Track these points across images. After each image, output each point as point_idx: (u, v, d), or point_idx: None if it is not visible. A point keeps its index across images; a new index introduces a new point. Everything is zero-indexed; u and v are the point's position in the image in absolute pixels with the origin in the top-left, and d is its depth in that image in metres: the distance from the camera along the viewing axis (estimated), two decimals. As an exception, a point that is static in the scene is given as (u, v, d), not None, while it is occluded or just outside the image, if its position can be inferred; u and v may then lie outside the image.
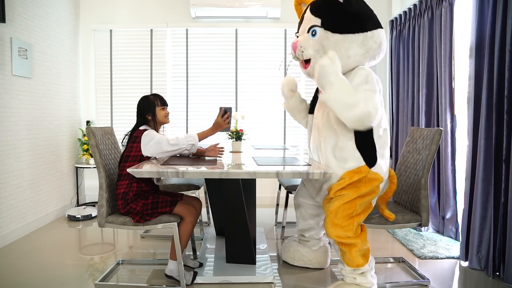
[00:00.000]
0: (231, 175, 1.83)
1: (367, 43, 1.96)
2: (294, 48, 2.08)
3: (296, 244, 2.46)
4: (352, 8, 1.95)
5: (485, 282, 2.26)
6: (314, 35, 2.01)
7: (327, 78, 1.78)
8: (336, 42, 1.95)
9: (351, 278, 1.94)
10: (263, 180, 4.18)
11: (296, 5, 2.32)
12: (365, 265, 1.92)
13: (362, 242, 1.91)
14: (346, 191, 1.92)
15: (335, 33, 1.95)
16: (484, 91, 2.34)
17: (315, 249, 2.41)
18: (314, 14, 2.03)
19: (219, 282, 2.20)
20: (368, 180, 1.92)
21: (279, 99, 4.28)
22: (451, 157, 2.96)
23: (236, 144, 2.70)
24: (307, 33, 2.05)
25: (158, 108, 2.22)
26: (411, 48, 3.51)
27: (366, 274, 1.94)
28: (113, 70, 4.25)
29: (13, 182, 2.98)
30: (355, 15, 1.95)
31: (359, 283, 1.93)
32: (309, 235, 2.41)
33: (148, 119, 2.21)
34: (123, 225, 2.06)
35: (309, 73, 2.12)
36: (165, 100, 2.29)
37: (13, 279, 2.25)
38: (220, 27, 4.22)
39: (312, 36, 2.02)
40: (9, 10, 2.91)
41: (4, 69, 2.88)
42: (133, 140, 2.12)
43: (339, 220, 1.90)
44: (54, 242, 2.94)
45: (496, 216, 2.29)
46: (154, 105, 2.21)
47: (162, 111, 2.23)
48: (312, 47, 2.02)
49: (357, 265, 1.91)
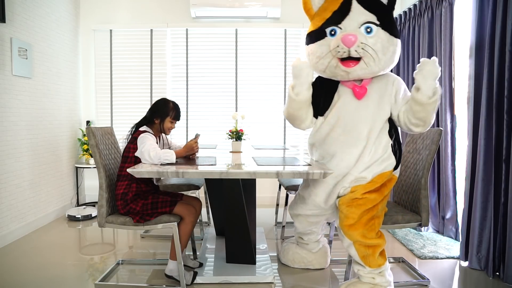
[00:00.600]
0: (231, 175, 1.83)
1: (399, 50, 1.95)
2: (350, 43, 1.78)
3: (295, 247, 2.44)
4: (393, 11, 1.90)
5: (485, 282, 2.26)
6: (370, 33, 1.81)
7: (435, 77, 1.76)
8: (395, 45, 1.87)
9: (370, 278, 1.91)
10: (263, 180, 4.18)
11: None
12: (385, 263, 1.92)
13: (383, 241, 1.90)
14: (372, 195, 1.89)
15: (392, 35, 1.86)
16: (484, 91, 2.34)
17: (315, 251, 2.40)
18: (367, 8, 1.82)
19: (219, 282, 2.20)
20: (389, 182, 1.94)
21: (279, 99, 4.28)
22: (451, 157, 2.96)
23: (236, 144, 2.70)
24: (358, 28, 1.82)
25: (168, 118, 2.21)
26: (411, 48, 3.51)
27: (384, 273, 1.93)
28: (113, 70, 4.25)
29: (13, 182, 2.98)
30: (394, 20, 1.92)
31: (377, 282, 1.90)
32: (308, 239, 2.37)
33: (155, 122, 2.21)
34: (123, 225, 2.06)
35: (351, 72, 1.87)
36: (180, 116, 2.29)
37: (13, 279, 2.25)
38: (220, 27, 4.22)
39: (366, 33, 1.82)
40: (9, 10, 2.91)
41: (4, 69, 2.88)
42: (131, 140, 2.13)
43: (362, 223, 1.87)
44: (54, 242, 2.94)
45: (496, 216, 2.29)
46: (167, 114, 2.21)
47: (170, 124, 2.23)
48: (372, 46, 1.81)
49: (379, 265, 1.89)
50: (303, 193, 2.23)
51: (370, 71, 1.88)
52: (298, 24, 4.12)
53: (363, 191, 1.90)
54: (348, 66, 1.86)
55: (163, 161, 1.97)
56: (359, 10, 1.83)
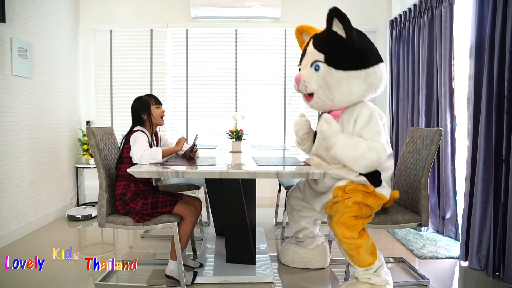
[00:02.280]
0: (231, 175, 1.83)
1: (370, 78, 2.00)
2: (297, 81, 2.09)
3: (294, 247, 2.46)
4: (354, 45, 1.98)
5: (485, 282, 2.26)
6: (318, 70, 2.03)
7: (329, 141, 1.94)
8: (339, 79, 1.98)
9: (366, 278, 1.94)
10: (263, 180, 4.17)
11: (297, 34, 2.35)
12: (375, 262, 1.93)
13: (366, 241, 1.93)
14: (357, 193, 1.98)
15: (338, 69, 1.98)
16: (484, 91, 2.34)
17: (312, 247, 2.42)
18: (317, 49, 2.04)
19: (219, 282, 2.20)
20: (374, 195, 2.01)
21: (278, 99, 4.28)
22: (451, 157, 2.95)
23: (236, 144, 2.70)
24: (310, 67, 2.06)
25: (153, 107, 2.21)
26: (411, 48, 3.51)
27: (379, 271, 1.94)
28: (113, 70, 4.25)
29: (13, 182, 2.98)
30: (358, 52, 1.99)
31: (374, 282, 1.93)
32: (303, 235, 2.42)
33: (143, 119, 2.20)
34: (123, 225, 2.06)
35: (312, 106, 2.14)
36: (159, 99, 2.29)
37: (13, 279, 2.25)
38: (220, 27, 4.22)
39: (315, 70, 2.04)
40: (9, 10, 2.91)
41: (4, 69, 2.88)
42: (127, 141, 2.13)
43: (346, 219, 1.93)
44: (54, 242, 2.94)
45: (496, 216, 2.29)
46: (148, 104, 2.21)
47: (157, 110, 2.23)
48: (316, 82, 2.03)
49: (368, 264, 1.91)
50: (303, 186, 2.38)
51: (325, 104, 2.07)
52: (298, 24, 4.10)
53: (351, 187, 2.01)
54: (308, 100, 2.14)
55: (150, 161, 1.98)
56: (311, 51, 2.08)
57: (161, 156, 2.01)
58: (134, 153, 1.98)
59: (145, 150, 1.98)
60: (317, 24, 2.32)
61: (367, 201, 1.98)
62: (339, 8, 1.95)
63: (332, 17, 1.99)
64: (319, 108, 2.14)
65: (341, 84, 1.98)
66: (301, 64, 2.17)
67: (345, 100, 2.02)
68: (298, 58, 2.25)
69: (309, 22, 2.18)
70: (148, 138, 2.13)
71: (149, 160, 1.98)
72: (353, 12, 4.22)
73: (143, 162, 1.97)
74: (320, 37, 2.09)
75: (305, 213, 2.37)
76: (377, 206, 2.03)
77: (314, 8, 4.15)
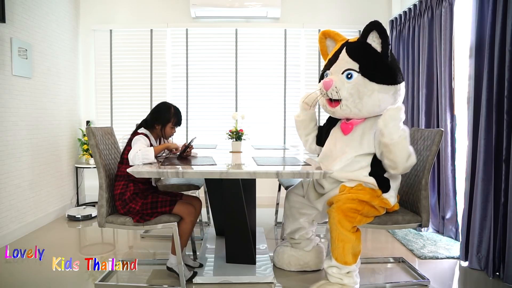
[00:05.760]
0: (231, 175, 1.84)
1: (396, 94, 2.08)
2: (327, 86, 2.08)
3: (289, 249, 2.40)
4: (387, 61, 2.04)
5: (485, 282, 2.26)
6: (350, 78, 2.04)
7: (397, 122, 1.88)
8: (372, 90, 2.02)
9: (337, 279, 1.94)
10: (263, 180, 4.17)
11: (321, 38, 2.36)
12: (352, 265, 1.92)
13: (356, 240, 1.92)
14: (364, 193, 2.00)
15: (372, 81, 2.02)
16: (484, 91, 2.34)
17: (308, 249, 2.37)
18: (352, 58, 2.06)
19: (219, 282, 2.20)
20: (381, 199, 2.03)
21: (278, 99, 4.28)
22: (451, 157, 2.95)
23: (236, 144, 2.70)
24: (341, 74, 2.07)
25: (169, 124, 2.23)
26: (411, 48, 3.51)
27: (352, 274, 1.94)
28: (113, 70, 4.25)
29: (13, 182, 2.98)
30: (390, 68, 2.06)
31: (345, 283, 1.93)
32: (299, 236, 2.35)
33: (155, 127, 2.21)
34: (123, 225, 2.06)
35: (335, 112, 2.15)
36: (181, 121, 2.30)
37: (13, 279, 2.25)
38: (220, 27, 4.22)
39: (347, 78, 2.04)
40: (9, 10, 2.91)
41: (4, 69, 2.88)
42: (129, 142, 2.14)
43: (347, 208, 1.92)
44: (54, 242, 2.94)
45: (496, 216, 2.29)
46: (169, 121, 2.22)
47: (170, 130, 2.25)
48: (347, 90, 2.04)
49: (345, 262, 1.90)
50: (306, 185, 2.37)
51: (351, 112, 2.09)
52: (298, 24, 4.10)
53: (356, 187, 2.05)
54: (331, 106, 2.14)
55: (143, 161, 1.98)
56: (345, 59, 2.09)
57: (153, 155, 2.01)
58: (129, 155, 1.99)
59: (137, 151, 1.99)
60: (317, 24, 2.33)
61: (372, 202, 1.99)
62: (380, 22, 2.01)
63: (371, 29, 2.02)
64: (342, 115, 2.15)
65: (373, 96, 2.02)
66: (330, 69, 2.16)
67: (372, 111, 2.07)
68: (298, 58, 2.26)
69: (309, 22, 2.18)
70: (149, 141, 2.14)
71: (142, 160, 1.98)
72: (353, 12, 4.24)
73: (136, 163, 1.97)
74: (355, 46, 2.11)
75: (305, 210, 2.33)
76: (380, 209, 2.04)
77: (314, 8, 4.14)
